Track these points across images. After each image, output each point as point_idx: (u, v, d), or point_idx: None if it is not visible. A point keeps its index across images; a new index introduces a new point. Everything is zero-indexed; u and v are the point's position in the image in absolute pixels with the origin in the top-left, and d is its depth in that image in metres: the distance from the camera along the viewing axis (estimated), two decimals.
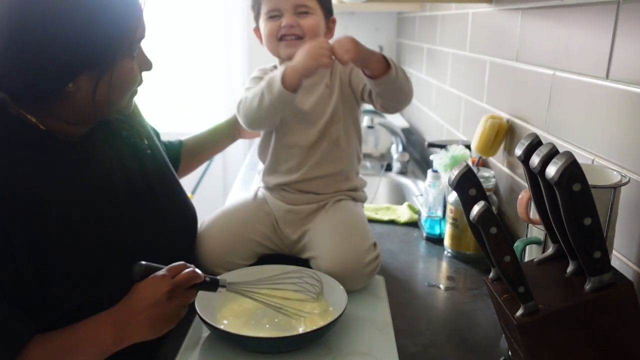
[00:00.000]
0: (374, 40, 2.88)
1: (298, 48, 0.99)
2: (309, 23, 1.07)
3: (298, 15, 1.06)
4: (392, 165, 1.94)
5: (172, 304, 0.80)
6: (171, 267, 0.83)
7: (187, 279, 0.82)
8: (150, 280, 0.81)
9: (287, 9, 1.06)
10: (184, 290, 0.82)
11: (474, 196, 0.68)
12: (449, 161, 1.26)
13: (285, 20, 1.06)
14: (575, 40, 0.99)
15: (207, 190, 2.79)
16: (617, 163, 0.86)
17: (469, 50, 1.59)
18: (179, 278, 0.81)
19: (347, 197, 1.14)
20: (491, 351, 0.86)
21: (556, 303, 0.63)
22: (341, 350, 0.85)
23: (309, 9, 1.07)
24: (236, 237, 1.08)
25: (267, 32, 1.08)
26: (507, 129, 1.29)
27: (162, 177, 1.04)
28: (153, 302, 0.79)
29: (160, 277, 0.81)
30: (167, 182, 1.05)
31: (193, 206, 1.10)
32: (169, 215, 1.01)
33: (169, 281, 0.80)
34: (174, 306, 0.80)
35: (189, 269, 0.83)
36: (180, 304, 0.82)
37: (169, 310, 0.80)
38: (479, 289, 1.07)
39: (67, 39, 0.77)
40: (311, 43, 0.97)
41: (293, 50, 1.02)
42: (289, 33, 1.07)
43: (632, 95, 0.82)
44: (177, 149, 1.27)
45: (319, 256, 1.02)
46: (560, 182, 0.56)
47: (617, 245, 0.86)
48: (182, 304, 0.82)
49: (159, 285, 0.80)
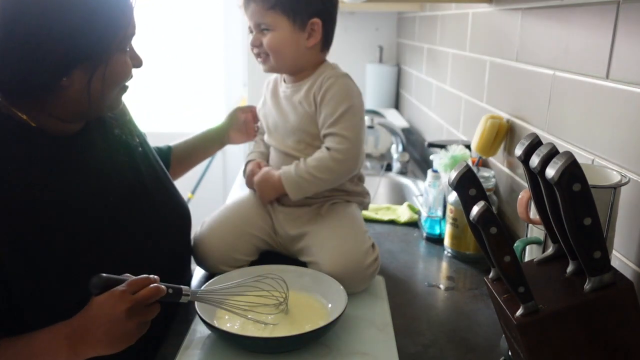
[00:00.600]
0: (374, 40, 2.88)
1: (270, 65, 1.08)
2: (267, 41, 1.05)
3: (262, 33, 1.06)
4: (392, 165, 1.94)
5: (131, 322, 0.75)
6: (132, 281, 0.78)
7: (149, 296, 0.77)
8: (109, 295, 0.76)
9: (253, 27, 1.07)
10: (145, 307, 0.77)
11: (474, 196, 0.68)
12: (449, 161, 1.26)
13: (251, 40, 1.08)
14: (575, 40, 0.99)
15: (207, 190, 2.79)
16: (617, 163, 0.86)
17: (469, 50, 1.59)
18: (141, 294, 0.76)
19: (342, 199, 1.14)
20: (491, 351, 0.86)
21: (556, 303, 0.63)
22: (341, 350, 0.85)
23: (268, 25, 1.04)
24: (238, 233, 1.09)
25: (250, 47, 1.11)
26: (507, 129, 1.29)
27: (154, 174, 1.03)
28: (110, 319, 0.75)
29: (119, 293, 0.76)
30: (159, 179, 1.05)
31: (185, 202, 1.10)
32: (162, 211, 1.00)
33: (128, 298, 0.75)
34: (134, 324, 0.76)
35: (152, 284, 0.78)
36: (139, 322, 0.77)
37: (128, 329, 0.76)
38: (479, 289, 1.07)
39: (62, 32, 0.77)
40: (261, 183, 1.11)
41: (265, 66, 1.10)
42: (254, 53, 1.09)
43: (632, 96, 0.82)
44: (166, 155, 1.26)
45: (318, 262, 1.02)
46: (560, 182, 0.56)
47: (617, 245, 0.86)
48: (143, 320, 0.77)
49: (118, 302, 0.75)
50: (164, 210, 1.01)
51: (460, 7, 1.68)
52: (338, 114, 1.04)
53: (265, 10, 1.03)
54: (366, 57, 2.88)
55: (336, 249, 1.01)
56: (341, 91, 1.06)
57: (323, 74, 1.08)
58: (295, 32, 1.05)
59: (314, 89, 1.07)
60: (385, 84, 2.72)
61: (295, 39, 1.05)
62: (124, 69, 0.87)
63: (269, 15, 1.04)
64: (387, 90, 2.73)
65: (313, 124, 1.08)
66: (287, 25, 1.04)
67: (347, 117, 1.05)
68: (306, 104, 1.07)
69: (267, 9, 1.03)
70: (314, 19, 1.05)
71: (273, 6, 1.03)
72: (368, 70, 2.77)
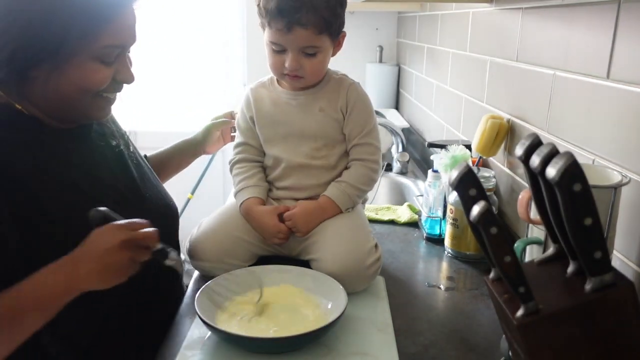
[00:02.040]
0: (374, 40, 2.88)
1: (304, 82, 1.06)
2: (313, 64, 1.04)
3: (304, 55, 1.03)
4: (392, 165, 1.94)
5: (123, 254, 0.78)
6: (133, 221, 0.82)
7: (144, 237, 0.81)
8: (108, 226, 0.80)
9: (293, 49, 1.02)
10: (138, 247, 0.80)
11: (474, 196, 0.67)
12: (449, 161, 1.26)
13: (289, 62, 1.02)
14: (576, 40, 0.99)
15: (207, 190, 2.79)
16: (617, 163, 0.86)
17: (470, 50, 1.59)
18: (138, 233, 0.80)
19: None
20: (491, 351, 0.86)
21: (557, 303, 0.63)
22: (341, 350, 0.85)
23: (317, 49, 1.02)
24: (233, 239, 1.07)
25: (270, 62, 1.07)
26: (508, 129, 1.28)
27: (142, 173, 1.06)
28: (106, 248, 0.78)
29: (118, 226, 0.80)
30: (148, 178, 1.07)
31: (174, 202, 1.13)
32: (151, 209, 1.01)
33: (125, 232, 0.79)
34: (126, 257, 0.79)
35: (150, 228, 0.82)
36: (133, 258, 0.80)
37: (119, 260, 0.78)
38: (479, 289, 1.07)
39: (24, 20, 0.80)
40: (270, 227, 1.06)
41: (296, 84, 1.08)
42: (291, 74, 1.05)
43: (633, 95, 0.82)
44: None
45: (320, 259, 1.02)
46: (561, 182, 0.56)
47: (617, 246, 0.86)
48: (134, 258, 0.80)
49: (116, 232, 0.79)
50: (153, 209, 1.02)
51: (461, 6, 1.68)
52: (371, 126, 1.11)
53: (316, 35, 1.00)
54: (366, 57, 2.88)
55: (339, 247, 1.01)
56: (368, 103, 1.12)
57: (338, 81, 1.11)
58: (331, 47, 1.07)
59: (340, 97, 1.09)
60: (385, 83, 2.72)
61: (330, 54, 1.08)
62: (90, 75, 0.87)
63: (318, 40, 1.01)
64: (387, 90, 2.73)
65: (336, 129, 1.10)
66: (329, 45, 1.05)
67: (375, 128, 1.12)
68: (331, 111, 1.09)
69: (317, 34, 1.00)
70: (343, 32, 1.08)
71: (322, 31, 1.00)
72: (368, 70, 2.77)
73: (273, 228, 1.06)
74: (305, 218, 1.06)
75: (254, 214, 1.08)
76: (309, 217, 1.06)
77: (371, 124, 1.11)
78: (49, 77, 0.84)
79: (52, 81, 0.85)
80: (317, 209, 1.07)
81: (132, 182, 1.01)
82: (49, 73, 0.84)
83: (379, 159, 1.12)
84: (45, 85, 0.85)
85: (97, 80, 0.88)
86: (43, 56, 0.82)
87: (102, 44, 0.85)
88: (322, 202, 1.08)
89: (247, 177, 1.13)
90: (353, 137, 1.10)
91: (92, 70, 0.86)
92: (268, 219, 1.06)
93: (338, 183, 1.10)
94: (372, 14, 2.86)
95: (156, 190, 1.08)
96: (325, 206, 1.08)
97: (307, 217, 1.06)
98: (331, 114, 1.09)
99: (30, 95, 0.87)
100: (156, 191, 1.08)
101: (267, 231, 1.07)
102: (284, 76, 1.07)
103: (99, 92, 0.90)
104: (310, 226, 1.06)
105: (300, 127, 1.10)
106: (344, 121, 1.10)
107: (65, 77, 0.85)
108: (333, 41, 1.06)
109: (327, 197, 1.08)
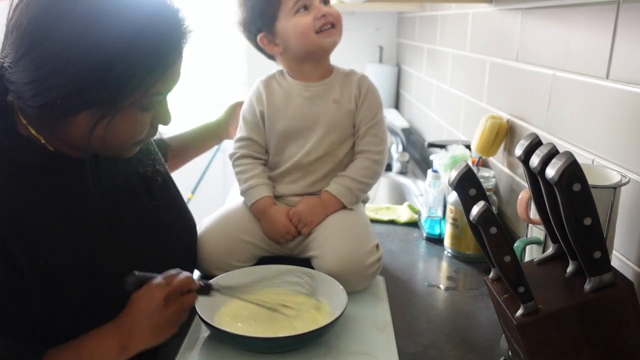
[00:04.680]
0: (374, 40, 2.88)
1: (337, 35, 1.08)
2: (336, 11, 1.07)
3: (324, 4, 1.07)
4: (392, 165, 1.94)
5: (170, 310, 0.80)
6: (166, 274, 0.83)
7: (182, 285, 0.83)
8: (145, 289, 0.81)
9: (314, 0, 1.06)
10: (180, 296, 0.82)
11: (474, 196, 0.68)
12: (449, 161, 1.26)
13: (321, 10, 1.05)
14: (575, 40, 0.99)
15: (207, 190, 2.79)
16: (617, 163, 0.86)
17: (469, 50, 1.59)
18: (175, 284, 0.82)
19: None
20: (491, 351, 0.86)
21: (556, 303, 0.63)
22: (341, 350, 0.85)
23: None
24: (234, 240, 1.07)
25: (301, 28, 1.05)
26: (507, 129, 1.29)
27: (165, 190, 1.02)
28: (152, 309, 0.79)
29: (155, 285, 0.81)
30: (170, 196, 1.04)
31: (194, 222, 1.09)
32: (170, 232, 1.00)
33: (164, 288, 0.81)
34: (172, 311, 0.81)
35: (183, 274, 0.84)
36: (178, 309, 0.82)
37: (168, 316, 0.80)
38: (479, 289, 1.07)
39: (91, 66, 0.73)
40: (280, 227, 1.07)
41: (333, 38, 1.08)
42: (327, 22, 1.06)
43: (633, 95, 0.82)
44: (162, 150, 1.21)
45: (321, 256, 1.02)
46: (560, 182, 0.56)
47: (617, 245, 0.86)
48: (180, 308, 0.82)
49: (155, 292, 0.80)
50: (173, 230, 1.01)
51: (461, 7, 1.68)
52: (379, 117, 1.12)
53: None
54: (366, 57, 2.88)
55: (340, 245, 1.01)
56: (378, 95, 1.13)
57: (348, 74, 1.13)
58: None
59: (352, 87, 1.11)
60: (385, 84, 2.72)
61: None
62: (134, 127, 0.82)
63: None
64: (387, 90, 2.73)
65: (349, 121, 1.11)
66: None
67: (382, 121, 1.13)
68: (346, 101, 1.10)
69: None
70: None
71: None
72: (368, 70, 2.77)
73: (284, 228, 1.07)
74: (309, 213, 1.07)
75: (269, 213, 1.09)
76: (313, 212, 1.07)
77: (380, 115, 1.12)
78: (96, 125, 0.77)
79: (100, 129, 0.78)
80: (319, 204, 1.08)
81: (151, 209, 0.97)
82: (96, 121, 0.77)
83: (383, 150, 1.12)
84: (90, 131, 0.78)
85: (138, 131, 0.83)
86: (96, 103, 0.76)
87: (152, 93, 0.80)
88: (324, 197, 1.09)
89: (255, 174, 1.12)
90: (362, 127, 1.11)
91: (137, 122, 0.82)
92: (281, 219, 1.08)
93: (340, 177, 1.10)
94: (372, 14, 2.87)
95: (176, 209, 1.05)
96: (327, 202, 1.08)
97: (311, 212, 1.07)
98: (345, 104, 1.10)
99: (63, 135, 0.81)
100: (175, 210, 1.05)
101: (278, 230, 1.08)
102: (319, 35, 1.07)
103: (137, 141, 0.86)
104: (315, 221, 1.07)
105: (314, 119, 1.10)
106: (356, 110, 1.11)
107: (113, 126, 0.78)
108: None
109: (328, 192, 1.09)
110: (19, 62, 0.74)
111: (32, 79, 0.73)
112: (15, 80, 0.75)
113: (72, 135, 0.80)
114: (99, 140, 0.79)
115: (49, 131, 0.81)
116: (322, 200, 1.09)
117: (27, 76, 0.74)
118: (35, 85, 0.74)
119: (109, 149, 0.84)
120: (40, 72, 0.73)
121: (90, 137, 0.78)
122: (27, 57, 0.73)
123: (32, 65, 0.73)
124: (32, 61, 0.73)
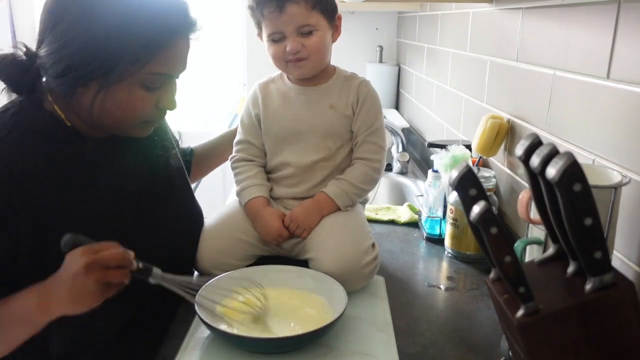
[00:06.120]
0: (374, 40, 2.88)
1: (307, 68, 1.06)
2: (313, 43, 1.04)
3: (302, 36, 1.03)
4: (392, 165, 1.94)
5: (89, 278, 0.76)
6: (100, 244, 0.80)
7: (110, 257, 0.78)
8: (73, 252, 0.79)
9: (290, 32, 1.02)
10: (105, 269, 0.77)
11: (474, 196, 0.67)
12: (449, 161, 1.26)
13: (290, 45, 1.03)
14: (576, 40, 0.99)
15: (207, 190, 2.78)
16: (617, 163, 0.86)
17: (470, 50, 1.59)
18: (102, 254, 0.77)
19: None
20: (491, 351, 0.86)
21: (557, 303, 0.63)
22: (341, 350, 0.85)
23: (312, 27, 1.03)
24: (233, 239, 1.07)
25: (272, 55, 1.07)
26: (508, 129, 1.28)
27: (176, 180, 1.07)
28: (71, 273, 0.77)
29: (82, 250, 0.78)
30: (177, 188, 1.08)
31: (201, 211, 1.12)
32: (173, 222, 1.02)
33: (89, 255, 0.77)
34: (92, 281, 0.76)
35: (118, 249, 0.79)
36: (100, 280, 0.77)
37: (87, 284, 0.76)
38: (479, 289, 1.07)
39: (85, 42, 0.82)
40: (272, 230, 1.06)
41: (301, 70, 1.07)
42: (294, 59, 1.05)
43: (633, 95, 0.82)
44: (188, 157, 1.28)
45: (318, 257, 1.02)
46: (561, 182, 0.56)
47: (617, 246, 0.86)
48: (102, 280, 0.77)
49: (79, 257, 0.77)
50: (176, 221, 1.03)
51: (461, 6, 1.68)
52: (378, 124, 1.11)
53: (309, 11, 1.02)
54: (366, 56, 2.88)
55: (335, 246, 1.01)
56: (378, 102, 1.12)
57: (349, 78, 1.12)
58: (329, 30, 1.07)
59: (351, 93, 1.09)
60: (386, 83, 2.72)
61: (329, 37, 1.08)
62: (135, 102, 0.88)
63: (312, 16, 1.02)
64: (387, 90, 2.73)
65: (346, 127, 1.10)
66: (326, 25, 1.06)
67: (382, 128, 1.12)
68: (342, 107, 1.09)
69: (310, 10, 1.02)
70: (338, 14, 1.09)
71: (314, 6, 1.02)
72: (368, 70, 2.77)
73: (275, 230, 1.06)
74: (306, 217, 1.06)
75: (261, 214, 1.08)
76: (308, 214, 1.07)
77: (379, 122, 1.11)
78: (96, 96, 0.85)
79: (99, 100, 0.86)
80: (314, 206, 1.08)
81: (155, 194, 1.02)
82: (96, 92, 0.85)
83: (382, 158, 1.12)
84: (92, 102, 0.86)
85: (139, 107, 0.89)
86: (94, 76, 0.84)
87: (150, 71, 0.86)
88: (319, 198, 1.08)
89: (250, 175, 1.13)
90: (360, 134, 1.10)
91: (136, 97, 0.87)
92: (274, 221, 1.07)
93: (338, 180, 1.10)
94: (372, 14, 2.86)
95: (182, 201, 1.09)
96: (322, 202, 1.08)
97: (308, 216, 1.07)
98: (341, 110, 1.09)
99: (76, 108, 0.89)
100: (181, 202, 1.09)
101: (270, 233, 1.07)
102: (288, 64, 1.06)
103: (142, 120, 0.92)
104: (312, 223, 1.07)
105: (309, 124, 1.09)
106: (354, 117, 1.10)
107: (112, 99, 0.86)
108: (329, 22, 1.06)
109: (324, 193, 1.08)
110: (45, 38, 0.84)
111: (52, 50, 0.83)
112: (42, 55, 0.85)
113: (81, 106, 0.88)
114: (101, 112, 0.87)
115: (65, 104, 0.90)
116: (317, 201, 1.08)
117: (48, 49, 0.84)
118: (53, 56, 0.83)
119: (114, 121, 0.90)
120: (57, 45, 0.83)
121: (93, 106, 0.86)
122: (50, 34, 0.84)
123: (51, 39, 0.83)
124: (53, 36, 0.83)
